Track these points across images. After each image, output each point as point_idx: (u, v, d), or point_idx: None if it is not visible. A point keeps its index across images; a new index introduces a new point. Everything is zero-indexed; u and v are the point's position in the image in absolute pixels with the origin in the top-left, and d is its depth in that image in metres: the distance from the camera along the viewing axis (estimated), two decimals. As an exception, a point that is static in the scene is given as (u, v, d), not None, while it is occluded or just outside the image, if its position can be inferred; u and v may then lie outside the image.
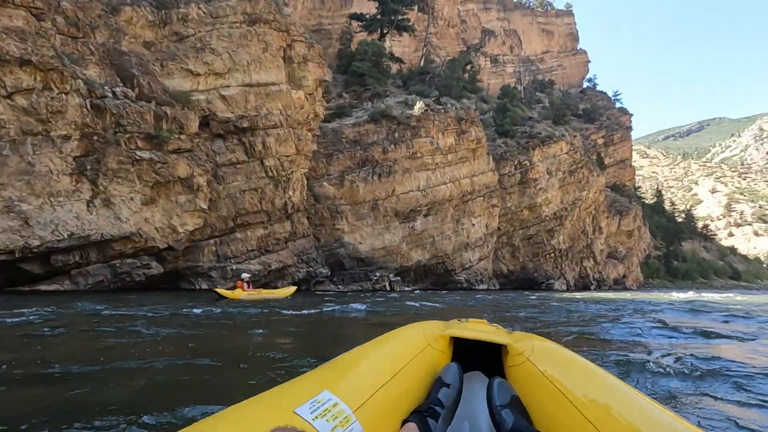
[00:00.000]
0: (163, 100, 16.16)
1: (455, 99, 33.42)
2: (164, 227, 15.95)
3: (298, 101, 19.34)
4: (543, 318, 8.95)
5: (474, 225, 34.19)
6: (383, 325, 6.87)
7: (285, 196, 19.19)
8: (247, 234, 18.47)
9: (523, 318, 8.65)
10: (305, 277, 20.24)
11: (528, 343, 1.52)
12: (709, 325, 7.78)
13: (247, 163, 18.23)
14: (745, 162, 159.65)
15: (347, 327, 7.45)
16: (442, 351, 1.57)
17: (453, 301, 15.70)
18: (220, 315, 8.05)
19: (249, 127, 17.98)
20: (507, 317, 9.11)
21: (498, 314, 10.13)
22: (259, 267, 18.60)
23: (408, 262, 29.85)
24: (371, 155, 28.26)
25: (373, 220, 28.01)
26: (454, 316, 2.18)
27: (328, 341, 6.08)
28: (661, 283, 65.08)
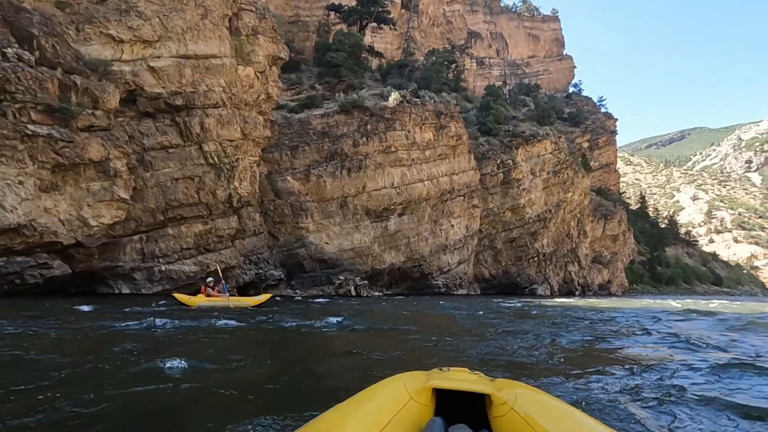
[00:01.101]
0: (74, 68, 13.32)
1: (435, 93, 31.02)
2: (72, 219, 13.06)
3: (246, 79, 16.64)
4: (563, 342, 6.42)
5: (453, 226, 31.69)
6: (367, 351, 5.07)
7: (229, 187, 16.41)
8: (182, 230, 15.64)
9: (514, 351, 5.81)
10: (253, 279, 17.43)
11: (511, 391, 1.51)
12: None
13: (182, 147, 15.43)
14: (725, 170, 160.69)
15: (319, 358, 5.10)
16: (425, 404, 1.53)
17: (425, 307, 13.09)
18: (102, 332, 5.40)
19: (184, 105, 15.21)
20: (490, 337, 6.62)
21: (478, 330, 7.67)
22: (194, 268, 15.77)
23: (380, 264, 27.18)
24: (340, 148, 25.61)
25: (341, 219, 25.31)
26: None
27: (286, 386, 3.54)
28: (645, 288, 63.51)
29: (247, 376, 3.82)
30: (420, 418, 1.44)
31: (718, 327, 9.52)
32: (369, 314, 11.01)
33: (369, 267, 26.07)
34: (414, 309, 13.74)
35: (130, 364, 3.94)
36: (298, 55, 40.24)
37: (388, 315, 11.35)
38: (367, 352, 5.15)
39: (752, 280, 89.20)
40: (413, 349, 5.73)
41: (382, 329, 8.02)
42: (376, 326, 8.29)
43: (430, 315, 11.94)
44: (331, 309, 11.63)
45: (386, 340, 6.72)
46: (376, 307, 13.55)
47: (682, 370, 4.40)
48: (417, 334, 7.41)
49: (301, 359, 5.06)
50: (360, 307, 12.95)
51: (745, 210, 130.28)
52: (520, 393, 1.49)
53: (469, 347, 5.81)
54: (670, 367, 4.54)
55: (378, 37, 49.38)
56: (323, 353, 5.53)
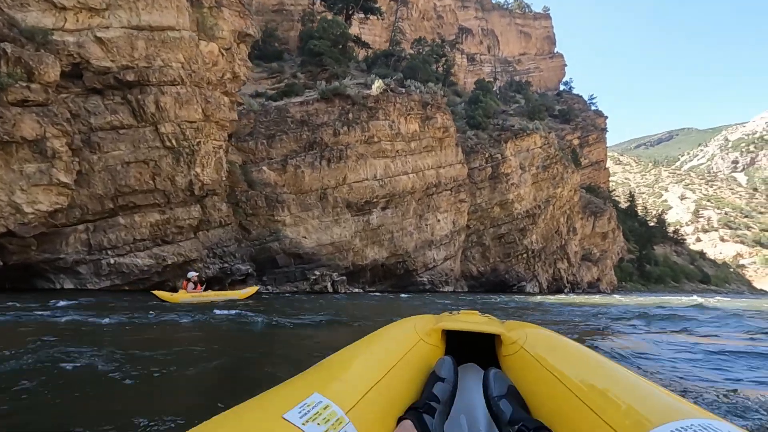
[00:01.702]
0: (5, 36, 11.77)
1: (421, 83, 29.67)
2: (2, 205, 11.51)
3: (209, 56, 15.13)
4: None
5: (439, 221, 30.41)
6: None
7: (190, 174, 14.91)
8: (135, 219, 14.10)
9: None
10: (217, 274, 15.94)
11: (521, 331, 1.48)
12: None
13: (135, 128, 13.89)
14: (712, 170, 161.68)
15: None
16: (435, 345, 1.51)
17: (401, 303, 11.74)
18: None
19: (137, 81, 13.67)
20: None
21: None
22: (149, 261, 14.24)
23: (362, 260, 25.80)
24: (320, 138, 24.17)
25: (320, 212, 23.89)
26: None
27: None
28: (634, 286, 62.92)
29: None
30: (430, 357, 1.42)
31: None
32: (337, 310, 9.66)
33: (349, 263, 24.69)
34: (385, 304, 12.41)
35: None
36: (282, 45, 38.69)
37: (351, 309, 10.01)
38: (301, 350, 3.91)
39: (739, 278, 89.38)
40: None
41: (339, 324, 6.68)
42: (335, 320, 6.96)
43: (401, 309, 10.61)
44: (305, 305, 10.27)
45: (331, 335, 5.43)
46: (347, 303, 12.20)
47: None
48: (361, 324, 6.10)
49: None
50: (327, 303, 11.59)
51: (731, 209, 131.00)
52: (530, 332, 1.47)
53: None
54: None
55: (366, 28, 47.95)
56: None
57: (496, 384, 1.20)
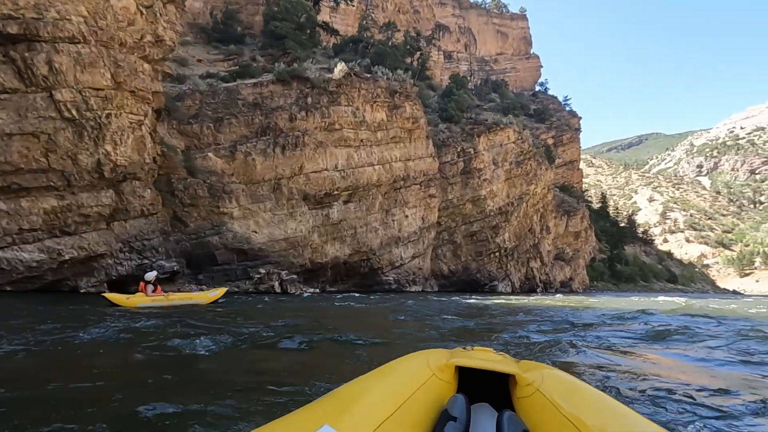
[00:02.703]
0: None
1: (390, 70, 27.60)
2: None
3: (122, 12, 12.55)
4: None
5: (407, 217, 28.42)
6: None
7: (98, 152, 12.32)
8: (21, 205, 11.43)
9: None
10: (133, 272, 13.37)
11: (537, 372, 1.45)
12: None
13: (22, 93, 11.24)
14: (678, 174, 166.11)
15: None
16: (447, 381, 1.46)
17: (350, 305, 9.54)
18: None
19: (22, 35, 11.04)
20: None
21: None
22: (39, 256, 11.60)
23: (322, 257, 23.53)
24: (274, 123, 21.76)
25: (273, 204, 21.49)
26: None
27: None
28: (606, 286, 62.70)
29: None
30: (442, 395, 1.37)
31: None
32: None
33: (306, 260, 22.37)
34: (329, 307, 10.23)
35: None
36: (245, 29, 36.00)
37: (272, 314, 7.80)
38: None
39: (703, 277, 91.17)
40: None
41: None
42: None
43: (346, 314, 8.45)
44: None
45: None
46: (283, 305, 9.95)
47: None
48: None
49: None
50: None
51: (696, 211, 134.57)
52: (547, 375, 1.43)
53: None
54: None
55: (338, 18, 45.61)
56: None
57: (510, 428, 1.15)
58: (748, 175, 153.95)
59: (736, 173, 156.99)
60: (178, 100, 20.60)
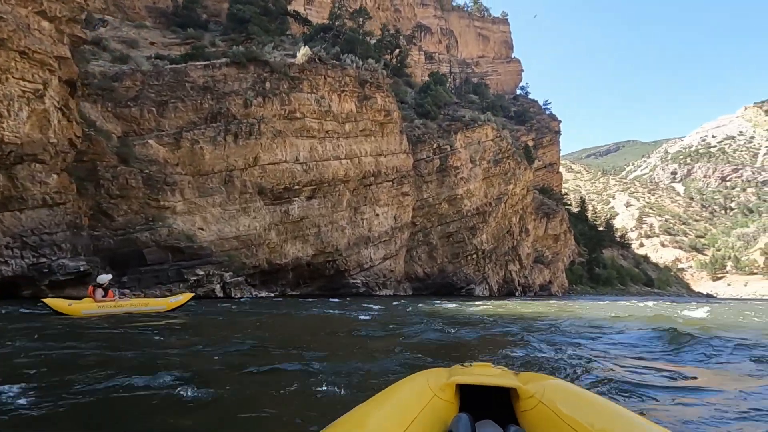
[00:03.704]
0: None
1: (361, 59, 25.59)
2: None
3: (10, -44, 10.22)
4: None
5: (378, 215, 26.35)
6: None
7: (-25, 125, 9.89)
8: None
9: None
10: (24, 273, 10.90)
11: (539, 384, 1.43)
12: None
13: None
14: (654, 180, 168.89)
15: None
16: (449, 401, 1.46)
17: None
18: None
19: None
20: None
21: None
22: None
23: (281, 258, 21.24)
24: (226, 108, 19.44)
25: (224, 198, 19.14)
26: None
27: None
28: (584, 289, 61.88)
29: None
30: (445, 414, 1.36)
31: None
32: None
33: (261, 260, 20.05)
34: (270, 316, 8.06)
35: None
36: (211, 16, 33.53)
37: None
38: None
39: (678, 281, 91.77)
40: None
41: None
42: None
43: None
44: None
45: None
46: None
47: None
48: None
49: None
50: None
51: (670, 217, 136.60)
52: (548, 385, 1.41)
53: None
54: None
55: (313, 10, 43.48)
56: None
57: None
58: (719, 182, 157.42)
59: (708, 180, 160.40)
60: (115, 80, 18.14)
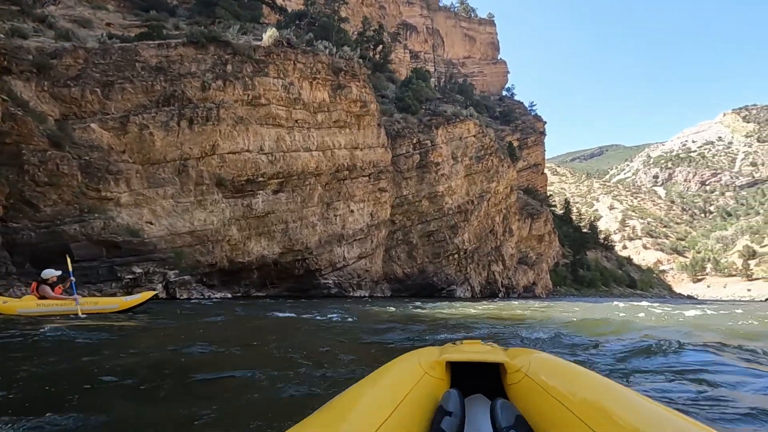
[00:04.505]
0: None
1: (335, 46, 23.99)
2: None
3: None
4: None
5: (353, 212, 24.71)
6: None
7: None
8: None
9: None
10: None
11: (525, 358, 1.47)
12: None
13: None
14: (636, 183, 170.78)
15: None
16: (440, 378, 1.48)
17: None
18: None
19: None
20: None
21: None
22: None
23: (243, 256, 19.43)
24: (181, 91, 17.59)
25: (177, 190, 17.28)
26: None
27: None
28: (568, 290, 61.12)
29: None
30: (436, 391, 1.39)
31: None
32: None
33: (220, 258, 18.23)
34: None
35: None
36: (181, 2, 31.59)
37: None
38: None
39: (660, 283, 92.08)
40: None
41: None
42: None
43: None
44: None
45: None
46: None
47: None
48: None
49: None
50: None
51: (652, 219, 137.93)
52: (534, 359, 1.45)
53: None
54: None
55: (292, 1, 41.76)
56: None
57: (504, 415, 1.18)
58: (699, 186, 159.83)
59: (688, 184, 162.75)
60: (54, 57, 16.20)
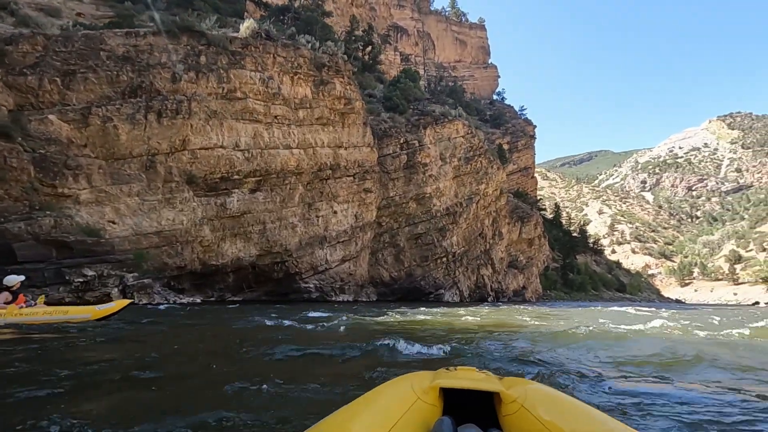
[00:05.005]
0: None
1: (319, 41, 23.04)
2: None
3: None
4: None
5: (336, 213, 23.65)
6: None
7: None
8: None
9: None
10: None
11: (521, 388, 1.43)
12: None
13: None
14: (625, 189, 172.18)
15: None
16: (432, 404, 1.44)
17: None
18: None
19: None
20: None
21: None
22: None
23: (217, 258, 18.24)
24: (149, 82, 16.45)
25: (144, 187, 16.08)
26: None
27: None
28: (558, 294, 60.55)
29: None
30: (428, 417, 1.36)
31: None
32: None
33: (192, 260, 17.03)
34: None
35: None
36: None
37: None
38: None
39: (649, 287, 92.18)
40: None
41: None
42: None
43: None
44: None
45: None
46: None
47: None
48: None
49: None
50: None
51: (641, 224, 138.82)
52: (530, 390, 1.41)
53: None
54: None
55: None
56: None
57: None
58: (685, 191, 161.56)
59: (675, 189, 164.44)
60: (9, 43, 14.99)
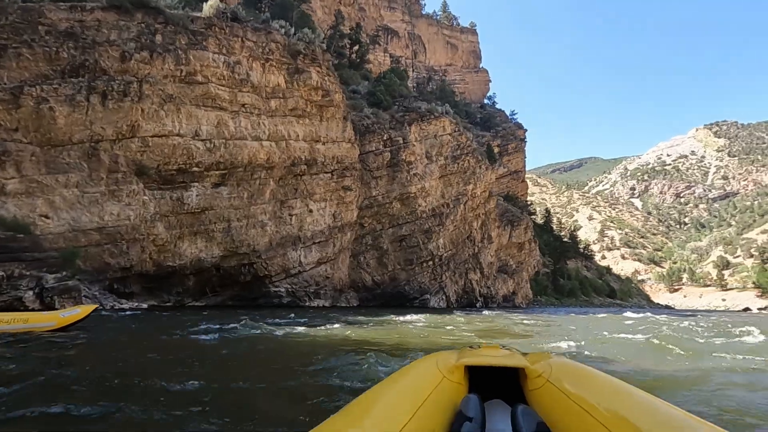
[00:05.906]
0: None
1: (295, 28, 21.38)
2: None
3: None
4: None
5: (312, 212, 21.83)
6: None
7: None
8: None
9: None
10: None
11: (545, 363, 1.44)
12: None
13: None
14: (614, 195, 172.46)
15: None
16: (458, 382, 1.46)
17: None
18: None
19: None
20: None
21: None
22: None
23: (174, 259, 16.28)
24: (94, 60, 14.58)
25: (84, 177, 14.14)
26: None
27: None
28: (549, 300, 59.11)
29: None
30: (454, 396, 1.37)
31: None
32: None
33: (143, 261, 15.07)
34: None
35: None
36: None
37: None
38: None
39: (639, 293, 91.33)
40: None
41: None
42: None
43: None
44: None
45: None
46: None
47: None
48: None
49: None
50: None
51: (630, 230, 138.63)
52: (555, 364, 1.41)
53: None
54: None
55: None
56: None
57: (525, 421, 1.14)
58: (674, 198, 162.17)
59: (663, 196, 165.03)
60: (-71, 11, 13.09)
